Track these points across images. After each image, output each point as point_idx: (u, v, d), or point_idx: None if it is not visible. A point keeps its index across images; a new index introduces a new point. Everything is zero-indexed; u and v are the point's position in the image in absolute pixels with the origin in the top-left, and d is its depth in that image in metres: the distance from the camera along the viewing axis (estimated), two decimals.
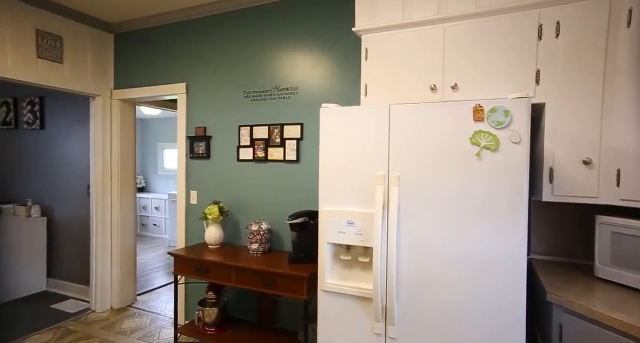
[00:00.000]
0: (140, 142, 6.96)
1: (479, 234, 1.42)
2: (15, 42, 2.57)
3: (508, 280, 1.39)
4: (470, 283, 1.44)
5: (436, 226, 1.49)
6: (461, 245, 1.45)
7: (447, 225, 1.47)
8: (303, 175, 2.46)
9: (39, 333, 2.80)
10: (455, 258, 1.46)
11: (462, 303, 1.45)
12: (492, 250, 1.41)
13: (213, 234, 2.53)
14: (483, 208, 1.42)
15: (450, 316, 1.47)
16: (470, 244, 1.44)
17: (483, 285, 1.42)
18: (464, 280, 1.45)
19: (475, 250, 1.43)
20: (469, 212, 1.44)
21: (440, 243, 1.48)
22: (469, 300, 1.44)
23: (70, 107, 3.55)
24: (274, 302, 2.54)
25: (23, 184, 3.92)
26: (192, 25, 2.86)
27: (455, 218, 1.46)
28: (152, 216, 6.38)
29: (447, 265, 1.48)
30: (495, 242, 1.40)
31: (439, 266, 1.49)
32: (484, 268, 1.42)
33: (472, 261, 1.43)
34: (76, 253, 3.56)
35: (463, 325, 1.45)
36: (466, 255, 1.44)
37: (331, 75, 2.37)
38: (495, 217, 1.40)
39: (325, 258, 1.71)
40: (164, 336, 2.77)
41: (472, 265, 1.43)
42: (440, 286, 1.49)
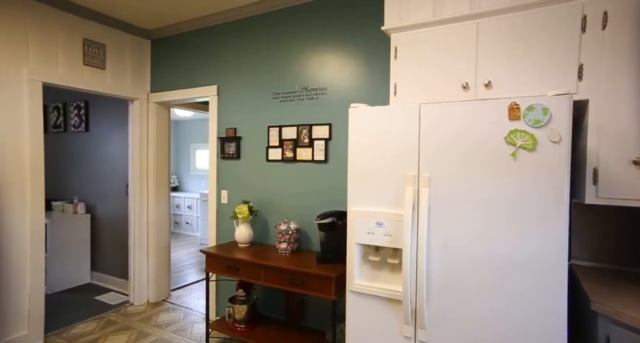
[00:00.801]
0: (174, 142, 7.24)
1: (515, 237, 1.36)
2: (66, 51, 2.76)
3: (547, 287, 1.32)
4: (506, 288, 1.38)
5: (469, 228, 1.44)
6: (496, 248, 1.40)
7: (481, 227, 1.42)
8: (331, 175, 2.46)
9: (84, 322, 2.99)
10: (489, 262, 1.41)
11: (497, 309, 1.40)
12: (529, 254, 1.34)
13: (242, 233, 2.58)
14: (519, 210, 1.36)
15: (484, 321, 1.42)
16: (506, 248, 1.38)
17: (520, 290, 1.36)
18: (499, 285, 1.39)
19: (511, 254, 1.37)
20: (503, 214, 1.38)
21: (474, 246, 1.44)
22: (504, 305, 1.39)
23: (111, 110, 3.76)
24: (302, 300, 2.56)
25: (70, 183, 4.20)
26: (223, 29, 2.94)
27: (489, 220, 1.41)
28: (185, 214, 6.62)
29: (480, 269, 1.42)
30: (533, 246, 1.34)
31: (472, 269, 1.44)
32: (521, 274, 1.36)
33: (508, 265, 1.38)
34: (116, 249, 3.76)
35: (498, 331, 1.40)
36: (501, 259, 1.39)
37: (359, 74, 2.36)
38: (533, 219, 1.34)
39: (353, 258, 1.70)
40: (196, 331, 2.87)
41: (508, 270, 1.38)
42: (473, 290, 1.44)
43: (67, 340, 2.70)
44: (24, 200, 2.54)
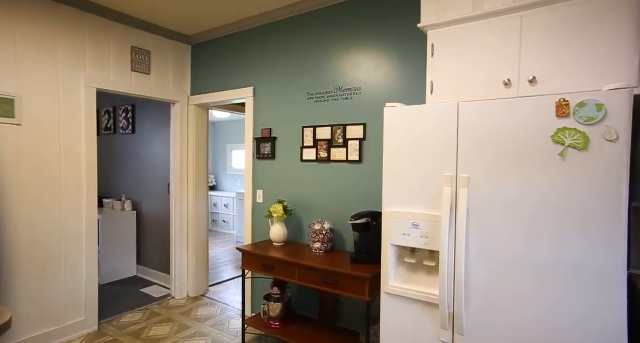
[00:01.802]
0: (211, 143, 7.51)
1: (563, 243, 1.28)
2: (116, 59, 2.95)
3: (603, 297, 1.23)
4: (553, 297, 1.30)
5: (511, 232, 1.38)
6: (541, 254, 1.32)
7: (524, 232, 1.35)
8: (365, 176, 2.45)
9: (131, 312, 3.19)
10: (533, 268, 1.33)
11: (542, 318, 1.32)
12: (580, 261, 1.26)
13: (277, 232, 2.63)
14: (568, 213, 1.27)
15: (527, 330, 1.35)
16: (553, 254, 1.30)
17: (570, 301, 1.28)
18: (544, 293, 1.32)
19: (559, 261, 1.29)
20: (550, 217, 1.30)
21: (517, 252, 1.37)
22: (551, 316, 1.31)
23: (155, 113, 3.97)
24: (336, 300, 2.56)
25: (118, 181, 4.48)
26: (259, 32, 3.01)
27: (534, 224, 1.33)
28: (222, 213, 6.84)
29: (524, 275, 1.35)
30: (584, 253, 1.25)
31: (514, 275, 1.37)
32: (571, 283, 1.27)
33: (555, 273, 1.30)
34: (159, 245, 3.97)
35: (540, 341, 1.32)
36: (547, 266, 1.31)
37: (394, 74, 2.32)
38: (584, 223, 1.25)
39: (388, 260, 1.68)
40: (233, 326, 2.96)
41: (555, 278, 1.30)
42: (515, 296, 1.37)
43: (117, 328, 2.89)
44: (80, 197, 2.75)
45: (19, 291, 2.45)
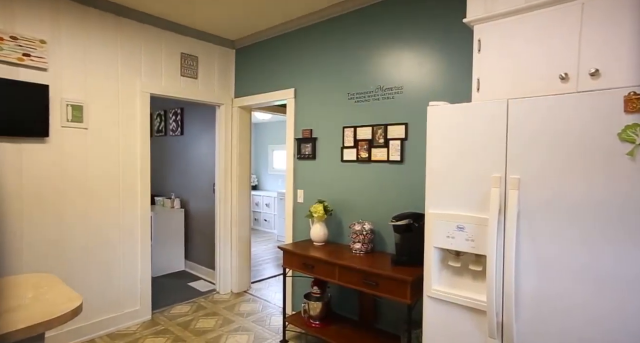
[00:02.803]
0: (253, 144, 7.74)
1: (628, 251, 1.17)
2: (167, 65, 3.14)
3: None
4: (615, 311, 1.19)
5: (568, 237, 1.28)
6: (603, 263, 1.21)
7: (583, 237, 1.25)
8: (407, 176, 2.39)
9: (180, 304, 3.37)
10: (593, 279, 1.23)
11: (601, 332, 1.21)
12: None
13: (318, 231, 2.65)
14: (636, 219, 1.16)
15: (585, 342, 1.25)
16: (616, 263, 1.19)
17: (634, 316, 1.16)
18: (606, 306, 1.21)
19: (622, 271, 1.18)
20: (614, 223, 1.19)
21: (575, 259, 1.27)
22: (611, 330, 1.20)
23: (201, 115, 4.17)
24: (375, 302, 2.53)
25: (168, 180, 4.77)
26: (300, 34, 3.06)
27: (594, 229, 1.23)
28: (263, 212, 7.03)
29: (582, 286, 1.25)
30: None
31: (572, 283, 1.27)
32: (635, 295, 1.16)
33: (617, 284, 1.18)
34: (204, 241, 4.16)
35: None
36: (608, 277, 1.20)
37: (437, 71, 2.25)
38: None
39: (431, 262, 1.63)
40: (274, 322, 3.03)
41: (617, 290, 1.18)
42: (572, 306, 1.27)
43: (168, 318, 3.07)
44: (135, 195, 2.96)
45: (85, 280, 2.68)
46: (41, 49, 2.40)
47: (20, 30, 2.34)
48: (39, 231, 2.46)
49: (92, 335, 2.72)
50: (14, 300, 1.19)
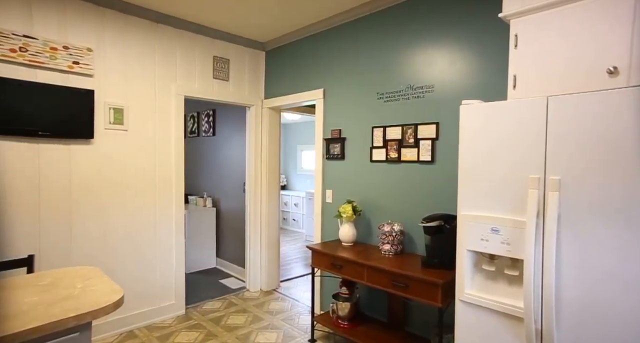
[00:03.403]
0: (282, 144, 7.84)
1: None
2: (201, 68, 3.26)
3: None
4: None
5: (616, 242, 1.20)
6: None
7: (634, 243, 1.17)
8: (438, 176, 2.34)
9: (212, 300, 3.48)
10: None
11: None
12: None
13: (346, 232, 2.65)
14: None
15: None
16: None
17: None
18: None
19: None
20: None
21: (623, 265, 1.19)
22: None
23: (232, 116, 4.28)
24: (405, 304, 2.49)
25: (200, 180, 4.93)
26: (329, 34, 3.07)
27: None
28: (292, 211, 7.10)
29: (631, 295, 1.17)
30: None
31: (621, 294, 1.19)
32: None
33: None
34: (235, 239, 4.27)
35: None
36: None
37: (470, 69, 2.18)
38: None
39: (464, 266, 1.59)
40: (302, 321, 3.05)
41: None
42: (620, 315, 1.19)
43: (201, 313, 3.18)
44: (170, 193, 3.09)
45: (125, 273, 2.83)
46: (88, 56, 2.57)
47: (71, 40, 2.51)
48: (85, 226, 2.62)
49: (132, 326, 2.87)
50: (67, 290, 1.28)
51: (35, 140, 2.39)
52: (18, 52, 2.29)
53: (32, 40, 2.34)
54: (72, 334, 1.11)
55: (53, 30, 2.44)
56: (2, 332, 0.96)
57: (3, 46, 2.24)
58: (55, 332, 1.06)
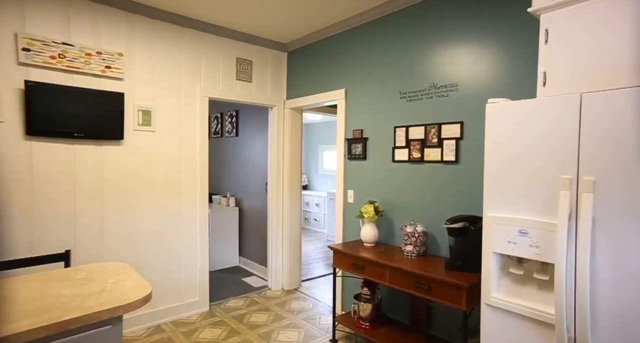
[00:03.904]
0: (304, 144, 7.89)
1: None
2: (224, 70, 3.33)
3: None
4: None
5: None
6: None
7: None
8: (462, 177, 2.29)
9: (235, 298, 3.55)
10: None
11: None
12: None
13: (368, 232, 2.64)
14: None
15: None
16: None
17: None
18: None
19: None
20: None
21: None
22: None
23: (254, 117, 4.35)
24: (428, 306, 2.45)
25: (224, 180, 5.03)
26: (351, 34, 3.06)
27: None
28: (313, 211, 7.13)
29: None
30: None
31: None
32: None
33: None
34: (257, 239, 4.33)
35: None
36: None
37: (496, 67, 2.12)
38: None
39: (490, 268, 1.55)
40: (323, 321, 3.06)
41: None
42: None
43: (224, 310, 3.25)
44: (195, 193, 3.17)
45: (152, 270, 2.93)
46: (119, 60, 2.68)
47: (104, 46, 2.63)
48: (115, 223, 2.74)
49: (159, 321, 2.97)
50: (100, 285, 1.35)
51: (71, 141, 2.52)
52: (57, 58, 2.42)
53: (70, 47, 2.47)
54: (105, 326, 1.16)
55: (88, 37, 2.56)
56: (47, 321, 1.02)
57: (45, 53, 2.38)
58: (91, 324, 1.12)
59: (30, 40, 2.32)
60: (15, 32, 2.30)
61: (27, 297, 1.23)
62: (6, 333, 0.95)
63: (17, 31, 2.30)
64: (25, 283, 1.36)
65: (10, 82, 2.29)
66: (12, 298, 1.22)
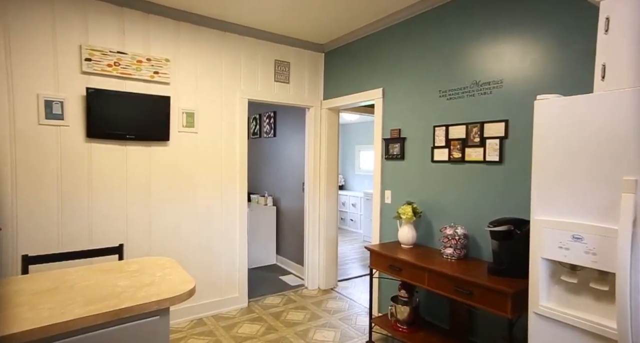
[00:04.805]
0: (341, 144, 7.88)
1: None
2: (263, 72, 3.41)
3: None
4: None
5: None
6: None
7: None
8: (506, 178, 2.18)
9: (272, 296, 3.62)
10: None
11: None
12: None
13: (406, 234, 2.58)
14: None
15: None
16: None
17: None
18: None
19: None
20: None
21: None
22: None
23: (291, 117, 4.41)
24: (469, 312, 2.36)
25: (262, 179, 5.16)
26: (388, 33, 3.01)
27: None
28: (349, 212, 7.11)
29: None
30: None
31: None
32: None
33: None
34: (294, 238, 4.39)
35: None
36: None
37: (546, 61, 1.99)
38: None
39: (539, 275, 1.46)
40: (360, 322, 3.04)
41: None
42: None
43: (262, 307, 3.33)
44: (234, 192, 3.27)
45: (194, 265, 3.07)
46: (166, 66, 2.83)
47: (153, 52, 2.80)
48: (161, 219, 2.90)
49: (201, 315, 3.10)
50: (149, 277, 1.43)
51: (123, 142, 2.70)
52: (113, 66, 2.61)
53: (124, 55, 2.65)
54: (154, 317, 1.24)
55: (139, 45, 2.73)
56: (105, 308, 1.11)
57: (103, 62, 2.58)
58: (142, 313, 1.19)
59: (91, 50, 2.53)
60: (80, 44, 2.51)
61: (89, 285, 1.34)
62: (73, 317, 1.05)
63: (81, 43, 2.51)
64: (87, 273, 1.48)
65: (75, 90, 2.51)
66: (76, 286, 1.33)
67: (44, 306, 1.15)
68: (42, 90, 2.41)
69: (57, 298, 1.22)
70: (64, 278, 1.42)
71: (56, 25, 2.43)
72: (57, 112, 2.45)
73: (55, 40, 2.43)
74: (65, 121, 2.48)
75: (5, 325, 0.99)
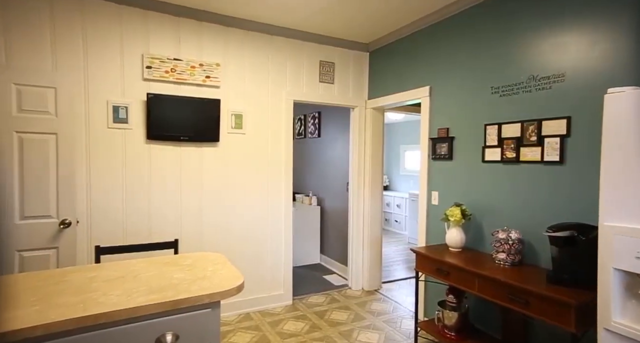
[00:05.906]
0: (385, 144, 7.73)
1: None
2: (308, 73, 3.46)
3: None
4: None
5: None
6: None
7: None
8: (568, 179, 2.01)
9: (316, 295, 3.66)
10: None
11: None
12: None
13: (454, 236, 2.48)
14: None
15: None
16: None
17: None
18: None
19: None
20: None
21: None
22: None
23: (336, 117, 4.42)
24: (525, 322, 2.21)
25: (306, 179, 5.23)
26: (434, 30, 2.91)
27: None
28: (394, 212, 6.97)
29: None
30: None
31: None
32: None
33: None
34: (338, 237, 4.40)
35: None
36: None
37: (618, 50, 1.81)
38: None
39: (611, 288, 1.33)
40: (405, 326, 2.97)
41: None
42: None
43: (306, 305, 3.38)
44: (280, 191, 3.36)
45: (242, 261, 3.20)
46: (216, 70, 2.98)
47: (205, 58, 2.96)
48: (211, 216, 3.05)
49: (247, 310, 3.22)
50: (202, 272, 1.52)
51: (178, 144, 2.88)
52: (170, 72, 2.81)
53: (179, 61, 2.84)
54: (206, 309, 1.31)
55: (193, 52, 2.90)
56: (164, 298, 1.21)
57: (161, 69, 2.78)
58: (196, 305, 1.27)
59: (151, 59, 2.74)
60: (142, 53, 2.73)
61: (150, 276, 1.46)
62: (137, 305, 1.16)
63: (143, 52, 2.73)
64: (148, 265, 1.61)
65: (137, 96, 2.73)
66: (139, 276, 1.45)
67: (113, 292, 1.27)
68: (110, 96, 2.65)
69: (124, 286, 1.34)
70: (130, 269, 1.55)
71: (123, 36, 2.66)
72: (122, 116, 2.68)
73: (122, 50, 2.67)
74: (129, 124, 2.70)
75: (87, 307, 1.13)
